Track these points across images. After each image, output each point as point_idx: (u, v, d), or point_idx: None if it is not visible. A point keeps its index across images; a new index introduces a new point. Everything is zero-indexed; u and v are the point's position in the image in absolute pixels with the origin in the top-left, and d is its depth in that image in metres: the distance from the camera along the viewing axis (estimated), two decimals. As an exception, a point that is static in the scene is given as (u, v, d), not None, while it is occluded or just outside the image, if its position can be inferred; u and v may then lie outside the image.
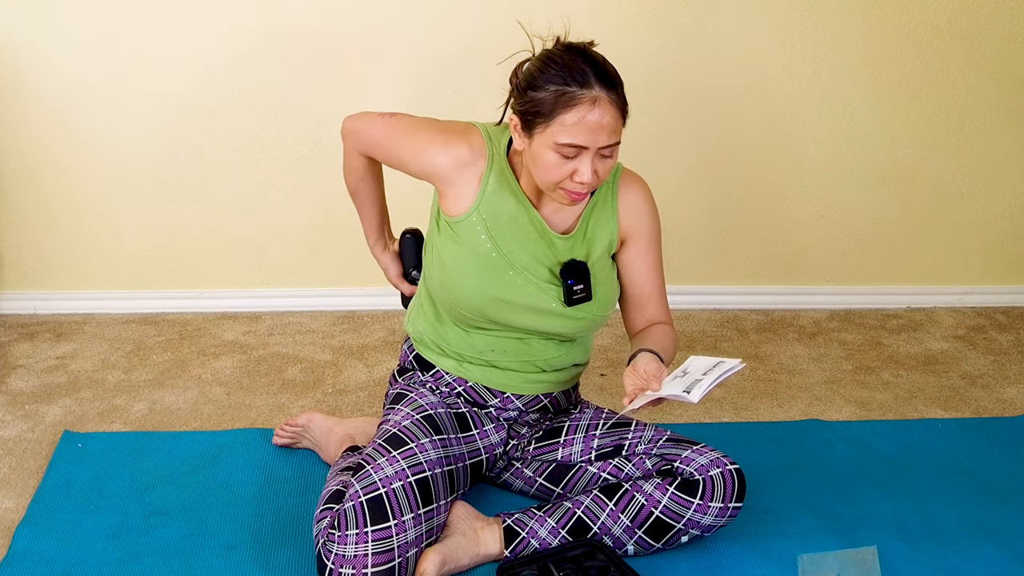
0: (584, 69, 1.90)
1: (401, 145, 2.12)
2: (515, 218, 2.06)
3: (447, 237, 2.09)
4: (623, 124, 1.95)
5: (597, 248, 2.11)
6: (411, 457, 2.01)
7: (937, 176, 3.23)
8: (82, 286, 3.18)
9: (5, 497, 2.28)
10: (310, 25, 2.99)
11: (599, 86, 1.89)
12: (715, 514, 2.03)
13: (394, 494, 1.95)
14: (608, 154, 1.94)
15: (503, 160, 2.07)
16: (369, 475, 1.98)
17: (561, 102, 1.89)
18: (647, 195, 2.14)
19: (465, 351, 2.16)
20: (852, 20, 3.06)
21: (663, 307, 2.18)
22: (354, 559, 1.90)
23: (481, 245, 2.06)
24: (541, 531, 2.06)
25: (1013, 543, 2.17)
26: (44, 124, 3.03)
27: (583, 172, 1.92)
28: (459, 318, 2.13)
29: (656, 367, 1.97)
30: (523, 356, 2.15)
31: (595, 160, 1.93)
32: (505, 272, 2.06)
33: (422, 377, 2.22)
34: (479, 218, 2.06)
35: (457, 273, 2.08)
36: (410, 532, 1.95)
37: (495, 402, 2.19)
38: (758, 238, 3.26)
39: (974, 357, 3.02)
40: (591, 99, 1.89)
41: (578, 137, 1.90)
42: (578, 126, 1.89)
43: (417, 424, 2.09)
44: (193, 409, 2.66)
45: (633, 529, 2.05)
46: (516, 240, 2.06)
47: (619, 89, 1.93)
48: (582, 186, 1.94)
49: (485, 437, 2.20)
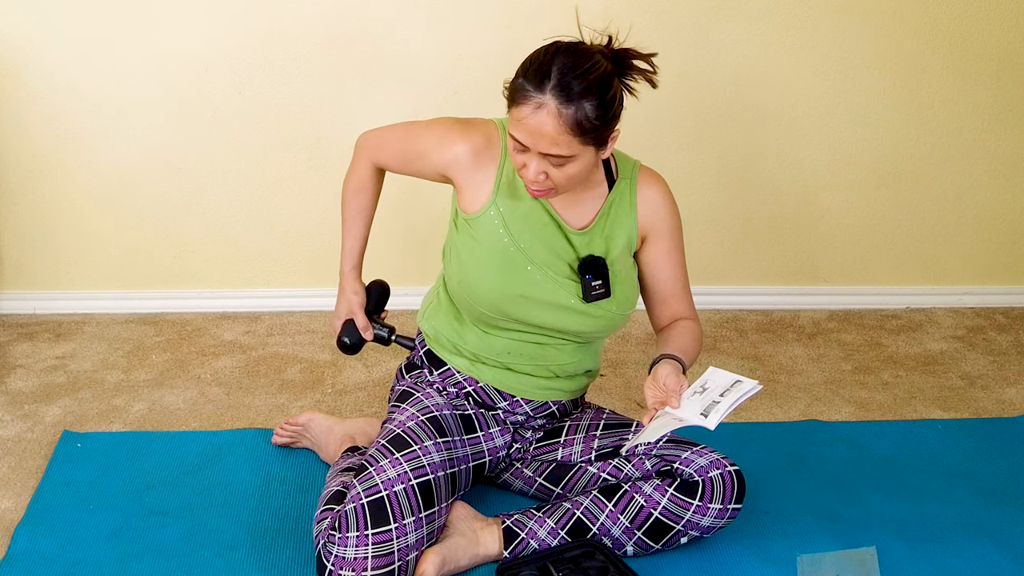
0: (549, 72, 1.85)
1: (421, 140, 2.12)
2: (531, 212, 2.06)
3: (465, 235, 2.08)
4: (581, 141, 1.87)
5: (616, 245, 2.10)
6: (414, 460, 2.01)
7: (937, 176, 3.23)
8: (82, 286, 3.18)
9: (4, 497, 2.28)
10: (310, 25, 2.99)
11: (552, 95, 1.84)
12: (714, 515, 2.03)
13: (395, 497, 1.95)
14: (557, 163, 1.90)
15: None
16: (371, 476, 1.97)
17: (517, 95, 1.89)
18: (666, 192, 2.13)
19: (482, 352, 2.15)
20: (852, 20, 3.06)
21: (687, 302, 2.17)
22: (354, 561, 1.90)
23: (499, 240, 2.05)
24: (540, 532, 2.06)
25: (1013, 543, 2.18)
26: (44, 124, 3.03)
27: (529, 169, 1.92)
28: (479, 317, 2.12)
29: (676, 380, 1.96)
30: (538, 360, 2.14)
31: (542, 162, 1.90)
32: (524, 267, 2.05)
33: (430, 377, 2.21)
34: (496, 212, 2.05)
35: (476, 270, 2.07)
36: (411, 535, 1.95)
37: (504, 405, 2.18)
38: (758, 238, 3.26)
39: (973, 358, 3.02)
40: (537, 103, 1.85)
41: (519, 133, 1.89)
42: (520, 123, 1.88)
43: (421, 426, 2.09)
44: (192, 409, 2.66)
45: (632, 530, 2.05)
46: (534, 235, 2.06)
47: (579, 104, 1.84)
48: (531, 182, 1.94)
49: (490, 440, 2.20)
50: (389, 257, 3.03)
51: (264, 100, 3.05)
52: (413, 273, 3.05)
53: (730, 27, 3.04)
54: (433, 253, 3.01)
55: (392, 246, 3.09)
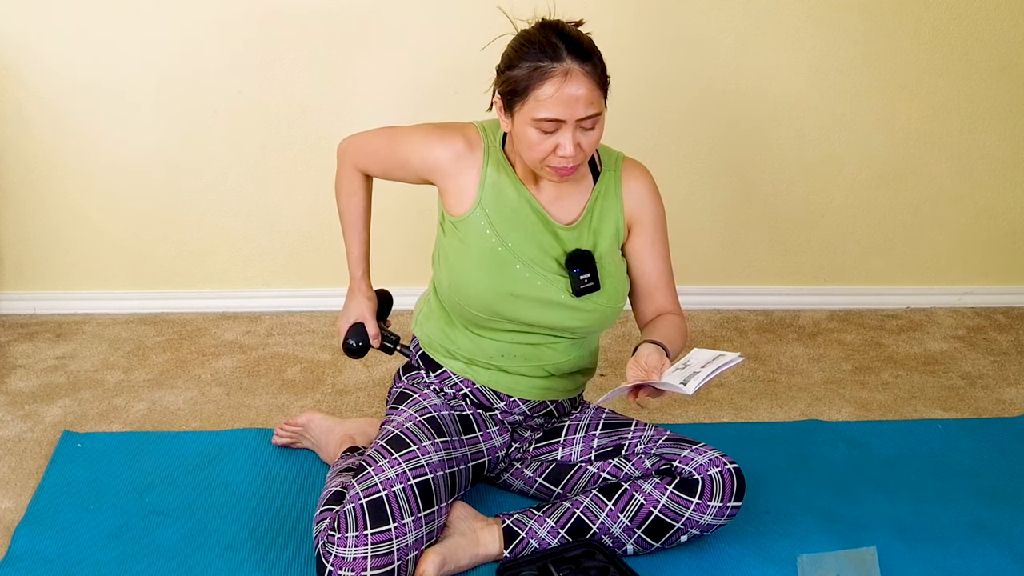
0: (556, 43, 1.91)
1: (401, 145, 2.14)
2: (517, 210, 2.07)
3: (453, 238, 2.09)
4: (603, 95, 1.95)
5: (604, 238, 2.10)
6: (413, 460, 2.01)
7: (937, 176, 3.23)
8: (82, 286, 3.18)
9: (5, 497, 2.28)
10: (311, 25, 2.99)
11: (571, 59, 1.90)
12: (714, 513, 2.03)
13: (395, 497, 1.95)
14: (589, 126, 1.94)
15: (499, 152, 2.08)
16: (370, 477, 1.97)
17: (535, 77, 1.90)
18: (649, 182, 2.14)
19: (475, 355, 2.16)
20: (852, 20, 3.06)
21: (671, 296, 2.17)
22: (353, 562, 1.90)
23: (487, 241, 2.06)
24: (540, 531, 2.06)
25: (1013, 543, 2.17)
26: (44, 124, 3.03)
27: (565, 146, 1.93)
28: (471, 320, 2.12)
29: (658, 359, 1.97)
30: (533, 360, 2.15)
31: (576, 133, 1.93)
32: (512, 266, 2.06)
33: (427, 378, 2.22)
34: (482, 213, 2.06)
35: (465, 272, 2.08)
36: (410, 535, 1.95)
37: (501, 405, 2.18)
38: (758, 238, 3.26)
39: (974, 357, 3.02)
40: (563, 72, 1.89)
41: (554, 111, 1.90)
42: (552, 100, 1.90)
43: (420, 426, 2.09)
44: (193, 409, 2.66)
45: (632, 529, 2.05)
46: (521, 232, 2.07)
47: (594, 60, 1.92)
48: (566, 160, 1.95)
49: (488, 439, 2.20)
50: (388, 258, 3.03)
51: (264, 100, 3.05)
52: (413, 275, 3.05)
53: (730, 27, 3.04)
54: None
55: (394, 247, 3.09)
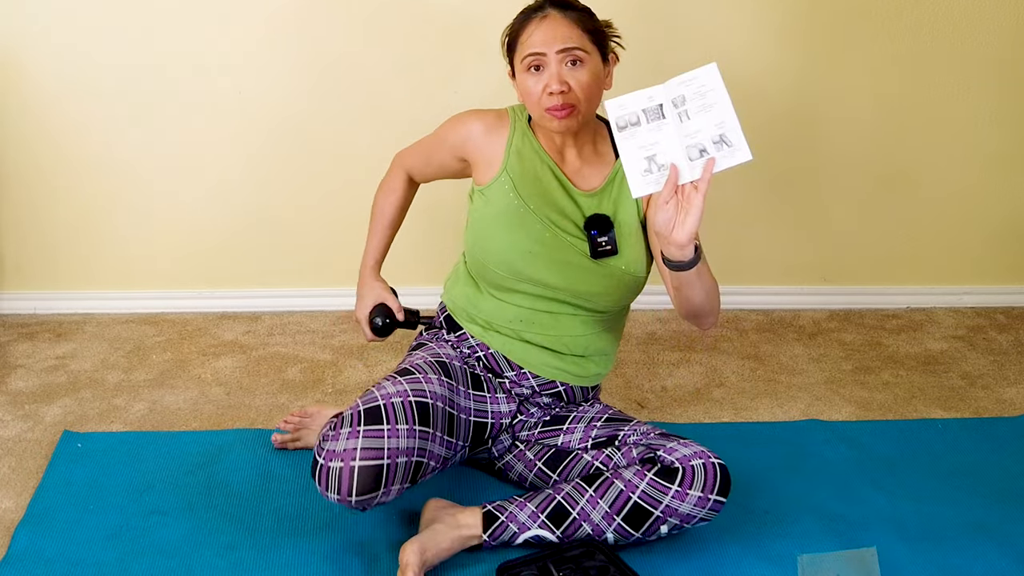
0: (543, 2, 2.11)
1: (438, 131, 2.29)
2: (540, 176, 2.17)
3: (479, 203, 2.20)
4: (589, 39, 2.07)
5: (624, 209, 2.17)
6: (415, 383, 2.08)
7: (937, 176, 3.23)
8: (82, 286, 3.18)
9: (5, 497, 2.28)
10: (311, 25, 2.99)
11: (552, 7, 2.09)
12: (693, 503, 2.02)
13: (392, 407, 2.00)
14: (572, 61, 2.06)
15: (525, 125, 2.21)
16: (371, 392, 2.05)
17: (521, 25, 2.11)
18: None
19: (495, 319, 2.23)
20: (852, 20, 3.06)
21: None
22: (344, 452, 1.94)
23: (510, 202, 2.16)
24: (520, 515, 2.08)
25: (1013, 543, 2.17)
26: (44, 124, 3.03)
27: (552, 82, 2.05)
28: (493, 280, 2.20)
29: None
30: (550, 330, 2.21)
31: (561, 69, 2.05)
32: (533, 225, 2.15)
33: (446, 336, 2.30)
34: (507, 178, 2.17)
35: (488, 229, 2.18)
36: (402, 440, 1.98)
37: (511, 374, 2.24)
38: (758, 238, 3.26)
39: (974, 357, 3.02)
40: (541, 16, 2.09)
41: (534, 46, 2.06)
42: (533, 37, 2.07)
43: (429, 364, 2.17)
44: (193, 409, 2.66)
45: (612, 515, 2.05)
46: (542, 196, 2.16)
47: (577, 9, 2.09)
48: (555, 97, 2.05)
49: (496, 403, 2.24)
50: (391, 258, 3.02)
51: (264, 100, 3.05)
52: (417, 274, 3.06)
53: (730, 28, 3.04)
54: (441, 256, 3.04)
55: (395, 247, 3.08)
